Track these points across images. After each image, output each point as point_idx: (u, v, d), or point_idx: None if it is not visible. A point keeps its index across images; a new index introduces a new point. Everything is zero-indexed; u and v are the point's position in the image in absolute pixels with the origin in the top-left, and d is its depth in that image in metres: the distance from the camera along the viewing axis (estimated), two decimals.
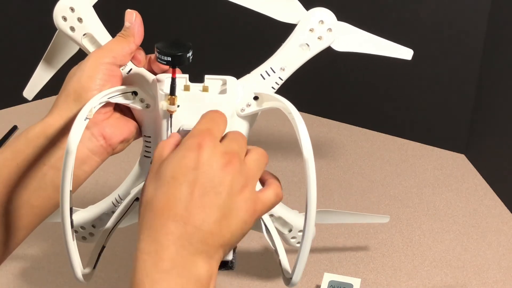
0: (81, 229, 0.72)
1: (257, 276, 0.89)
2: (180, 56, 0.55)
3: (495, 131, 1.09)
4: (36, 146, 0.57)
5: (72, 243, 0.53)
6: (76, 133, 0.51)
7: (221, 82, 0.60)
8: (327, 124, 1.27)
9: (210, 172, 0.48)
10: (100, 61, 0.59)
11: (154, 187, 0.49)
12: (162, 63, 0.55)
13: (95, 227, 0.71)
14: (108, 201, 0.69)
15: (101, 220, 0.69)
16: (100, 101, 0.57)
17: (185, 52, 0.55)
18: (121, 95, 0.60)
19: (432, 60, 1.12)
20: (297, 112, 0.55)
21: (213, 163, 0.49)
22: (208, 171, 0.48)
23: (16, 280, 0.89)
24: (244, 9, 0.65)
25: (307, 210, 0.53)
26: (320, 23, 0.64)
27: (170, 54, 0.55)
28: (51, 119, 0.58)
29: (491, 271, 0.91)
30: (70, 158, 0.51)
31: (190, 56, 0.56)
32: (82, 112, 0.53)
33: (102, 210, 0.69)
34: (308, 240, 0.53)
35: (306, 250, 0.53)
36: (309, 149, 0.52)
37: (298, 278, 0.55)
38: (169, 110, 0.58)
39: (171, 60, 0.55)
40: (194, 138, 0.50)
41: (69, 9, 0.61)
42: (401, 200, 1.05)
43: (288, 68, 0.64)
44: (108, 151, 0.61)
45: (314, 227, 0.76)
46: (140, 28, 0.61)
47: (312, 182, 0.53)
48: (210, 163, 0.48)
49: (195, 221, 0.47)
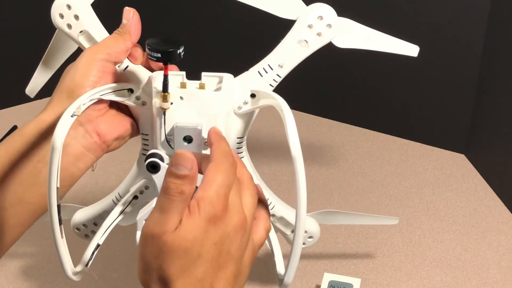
0: (83, 227, 0.72)
1: (257, 276, 0.89)
2: (170, 52, 0.54)
3: (495, 131, 1.09)
4: (30, 143, 0.57)
5: (61, 240, 0.53)
6: (61, 129, 0.51)
7: (218, 80, 0.59)
8: (327, 124, 1.27)
9: (227, 243, 0.47)
10: (94, 58, 0.59)
11: (178, 266, 0.45)
12: (153, 59, 0.55)
13: (97, 225, 0.71)
14: (109, 199, 0.69)
15: (102, 218, 0.69)
16: (91, 98, 0.56)
17: (175, 48, 0.54)
18: (115, 92, 0.60)
19: (432, 60, 1.12)
20: (288, 110, 0.54)
21: (230, 232, 0.47)
22: (225, 243, 0.47)
23: (16, 280, 0.89)
24: (244, 6, 0.64)
25: (297, 211, 0.52)
26: (319, 19, 0.63)
27: (160, 50, 0.54)
28: (45, 116, 0.58)
29: (491, 271, 0.91)
30: (55, 154, 0.50)
31: (181, 52, 0.55)
32: (70, 109, 0.53)
33: (103, 208, 0.70)
34: (299, 242, 0.52)
35: (298, 252, 0.53)
36: (297, 148, 0.51)
37: (290, 279, 0.54)
38: (162, 107, 0.57)
39: (161, 56, 0.54)
40: (213, 206, 0.46)
41: (65, 6, 0.62)
42: (401, 200, 1.05)
43: (286, 65, 0.63)
44: (102, 148, 0.60)
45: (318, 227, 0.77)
46: (137, 26, 0.61)
47: (301, 181, 0.51)
48: (227, 233, 0.47)
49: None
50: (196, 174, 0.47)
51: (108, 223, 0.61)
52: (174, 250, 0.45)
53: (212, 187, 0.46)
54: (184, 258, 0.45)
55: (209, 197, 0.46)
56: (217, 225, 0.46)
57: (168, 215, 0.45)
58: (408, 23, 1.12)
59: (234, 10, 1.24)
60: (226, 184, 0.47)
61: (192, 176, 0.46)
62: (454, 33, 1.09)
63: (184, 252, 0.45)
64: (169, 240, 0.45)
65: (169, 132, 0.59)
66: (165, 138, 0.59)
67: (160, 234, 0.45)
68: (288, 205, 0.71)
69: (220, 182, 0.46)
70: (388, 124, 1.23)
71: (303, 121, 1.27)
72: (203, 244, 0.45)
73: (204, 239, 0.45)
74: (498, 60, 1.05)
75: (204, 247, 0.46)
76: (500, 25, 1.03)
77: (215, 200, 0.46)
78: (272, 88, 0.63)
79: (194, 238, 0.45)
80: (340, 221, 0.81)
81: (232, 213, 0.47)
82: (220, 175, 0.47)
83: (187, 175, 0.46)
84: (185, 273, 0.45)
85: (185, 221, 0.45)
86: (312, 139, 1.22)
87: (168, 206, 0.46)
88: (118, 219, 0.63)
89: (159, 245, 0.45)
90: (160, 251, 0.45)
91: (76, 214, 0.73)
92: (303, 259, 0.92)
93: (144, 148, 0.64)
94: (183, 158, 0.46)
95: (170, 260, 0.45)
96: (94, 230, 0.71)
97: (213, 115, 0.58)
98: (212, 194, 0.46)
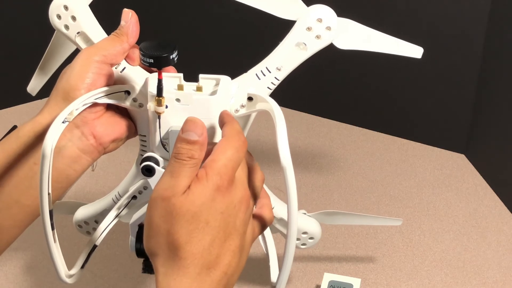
0: (84, 224, 0.73)
1: (257, 276, 0.89)
2: (163, 58, 0.53)
3: (495, 131, 1.09)
4: (26, 145, 0.57)
5: (54, 245, 0.53)
6: (52, 136, 0.51)
7: (215, 82, 0.58)
8: (327, 124, 1.27)
9: (233, 214, 0.48)
10: (90, 59, 0.58)
11: (187, 231, 0.46)
12: (146, 65, 0.54)
13: (98, 223, 0.71)
14: (109, 198, 0.69)
15: (103, 216, 0.69)
16: (84, 103, 0.56)
17: (169, 53, 0.53)
18: (111, 95, 0.59)
19: (432, 60, 1.12)
20: (281, 116, 0.52)
21: (236, 204, 0.48)
22: (232, 214, 0.48)
23: (16, 280, 0.89)
24: (243, 6, 0.63)
25: (288, 222, 0.51)
26: (319, 21, 0.61)
27: (153, 56, 0.53)
28: (41, 118, 0.58)
29: (491, 271, 0.91)
30: (46, 162, 0.50)
31: (175, 57, 0.54)
32: (61, 115, 0.53)
33: (103, 206, 0.70)
34: (290, 251, 0.52)
35: (289, 260, 0.52)
36: (287, 158, 0.49)
37: (282, 287, 0.54)
38: (157, 111, 0.56)
39: (153, 62, 0.53)
40: (221, 176, 0.47)
41: (63, 7, 0.61)
42: (401, 200, 1.05)
43: (284, 68, 0.62)
44: (99, 150, 0.60)
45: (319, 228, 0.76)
46: (135, 28, 0.60)
47: (292, 192, 0.50)
48: (233, 205, 0.48)
49: (223, 267, 0.47)
50: (205, 141, 0.48)
51: (104, 226, 0.61)
52: (183, 214, 0.46)
53: (221, 159, 0.47)
54: (193, 223, 0.46)
55: (217, 167, 0.47)
56: (224, 195, 0.47)
57: (178, 178, 0.46)
58: (408, 23, 1.12)
59: (233, 11, 1.24)
60: (234, 159, 0.48)
61: (202, 142, 0.48)
62: (454, 33, 1.09)
63: (192, 216, 0.46)
64: (178, 203, 0.46)
65: (164, 135, 0.58)
66: (160, 142, 0.59)
67: (169, 197, 0.46)
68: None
69: (229, 155, 0.48)
70: (388, 124, 1.23)
71: (303, 121, 1.27)
72: (210, 211, 0.46)
73: (212, 207, 0.46)
74: (498, 60, 1.05)
75: (212, 215, 0.46)
76: (500, 25, 1.03)
77: (223, 172, 0.47)
78: (270, 91, 0.63)
79: (202, 204, 0.46)
80: (342, 222, 0.81)
81: (237, 187, 0.48)
82: (230, 150, 0.48)
83: (197, 141, 0.48)
84: (193, 239, 0.46)
85: (194, 186, 0.46)
86: (312, 139, 1.22)
87: (178, 170, 0.47)
88: (113, 222, 0.63)
89: (169, 208, 0.46)
90: (169, 214, 0.46)
91: (78, 212, 0.73)
92: (303, 259, 0.92)
93: (142, 149, 0.64)
94: (194, 125, 0.48)
95: (179, 225, 0.46)
96: (96, 228, 0.71)
97: (208, 119, 0.58)
98: (220, 166, 0.47)
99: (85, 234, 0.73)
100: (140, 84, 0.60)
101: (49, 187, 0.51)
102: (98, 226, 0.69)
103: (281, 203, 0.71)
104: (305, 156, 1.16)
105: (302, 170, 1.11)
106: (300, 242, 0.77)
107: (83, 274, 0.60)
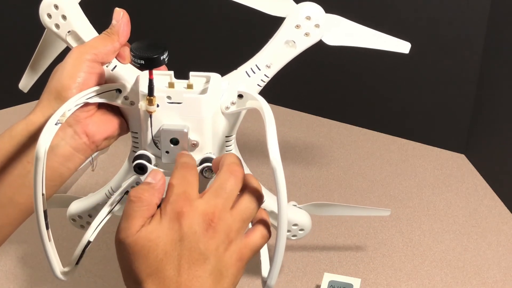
0: (78, 218, 0.73)
1: (256, 276, 0.89)
2: (153, 59, 0.54)
3: (495, 131, 1.09)
4: (19, 144, 0.58)
5: (49, 244, 0.54)
6: (45, 138, 0.51)
7: (205, 79, 0.59)
8: (327, 124, 1.27)
9: (194, 239, 0.47)
10: (81, 58, 0.59)
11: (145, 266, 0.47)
12: (136, 65, 0.54)
13: (91, 217, 0.72)
14: (102, 192, 0.70)
15: (97, 210, 0.70)
16: (76, 104, 0.57)
17: (159, 54, 0.54)
18: (102, 94, 0.60)
19: (432, 60, 1.12)
20: (270, 115, 0.53)
21: (196, 228, 0.48)
22: (192, 240, 0.47)
23: (16, 280, 0.89)
24: (233, 3, 0.63)
25: (278, 222, 0.50)
26: (307, 19, 0.62)
27: (144, 57, 0.53)
28: (33, 117, 0.59)
29: (491, 271, 0.91)
30: (39, 164, 0.50)
31: (166, 58, 0.54)
32: (54, 117, 0.53)
33: (96, 201, 0.70)
34: (281, 250, 0.51)
35: (280, 256, 0.52)
36: (277, 158, 0.49)
37: (273, 282, 0.54)
38: (148, 110, 0.57)
39: (144, 63, 0.54)
40: (172, 205, 0.48)
41: (53, 6, 0.62)
42: (401, 200, 1.05)
43: (274, 65, 0.63)
44: (91, 148, 0.61)
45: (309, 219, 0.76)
46: (126, 27, 0.61)
47: (282, 193, 0.49)
48: (193, 230, 0.48)
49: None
50: (162, 188, 0.50)
51: (97, 222, 0.61)
52: (138, 251, 0.47)
53: (173, 191, 0.49)
54: (150, 258, 0.47)
55: (168, 199, 0.49)
56: (181, 223, 0.47)
57: (129, 219, 0.48)
58: (408, 23, 1.12)
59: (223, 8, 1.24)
60: (183, 187, 0.49)
61: (156, 187, 0.50)
62: (454, 33, 1.09)
63: (148, 251, 0.47)
64: (132, 242, 0.47)
65: (156, 133, 0.59)
66: (152, 140, 0.59)
67: (124, 238, 0.48)
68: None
69: (176, 183, 0.50)
70: (388, 124, 1.23)
71: (303, 121, 1.27)
72: (167, 241, 0.47)
73: (168, 236, 0.47)
74: (498, 60, 1.05)
75: (169, 245, 0.47)
76: (500, 25, 1.03)
77: (175, 200, 0.48)
78: (260, 88, 0.63)
79: (158, 237, 0.47)
80: (332, 213, 0.81)
81: (196, 212, 0.48)
82: (177, 180, 0.50)
83: (150, 183, 0.50)
84: (153, 272, 0.47)
85: (147, 223, 0.48)
86: (312, 139, 1.22)
87: (129, 212, 0.48)
88: (106, 218, 0.63)
89: (126, 249, 0.48)
90: (127, 254, 0.48)
91: (71, 205, 0.74)
92: (303, 259, 0.93)
93: (135, 146, 0.65)
94: (154, 172, 0.52)
95: (138, 262, 0.47)
96: (89, 222, 0.72)
97: (199, 118, 0.58)
98: (172, 197, 0.49)
99: (79, 227, 0.74)
100: (131, 82, 0.61)
101: (43, 188, 0.52)
102: (92, 220, 0.70)
103: (272, 196, 0.71)
104: (305, 156, 1.16)
105: (302, 170, 1.11)
106: (290, 234, 0.77)
107: (83, 274, 0.60)
